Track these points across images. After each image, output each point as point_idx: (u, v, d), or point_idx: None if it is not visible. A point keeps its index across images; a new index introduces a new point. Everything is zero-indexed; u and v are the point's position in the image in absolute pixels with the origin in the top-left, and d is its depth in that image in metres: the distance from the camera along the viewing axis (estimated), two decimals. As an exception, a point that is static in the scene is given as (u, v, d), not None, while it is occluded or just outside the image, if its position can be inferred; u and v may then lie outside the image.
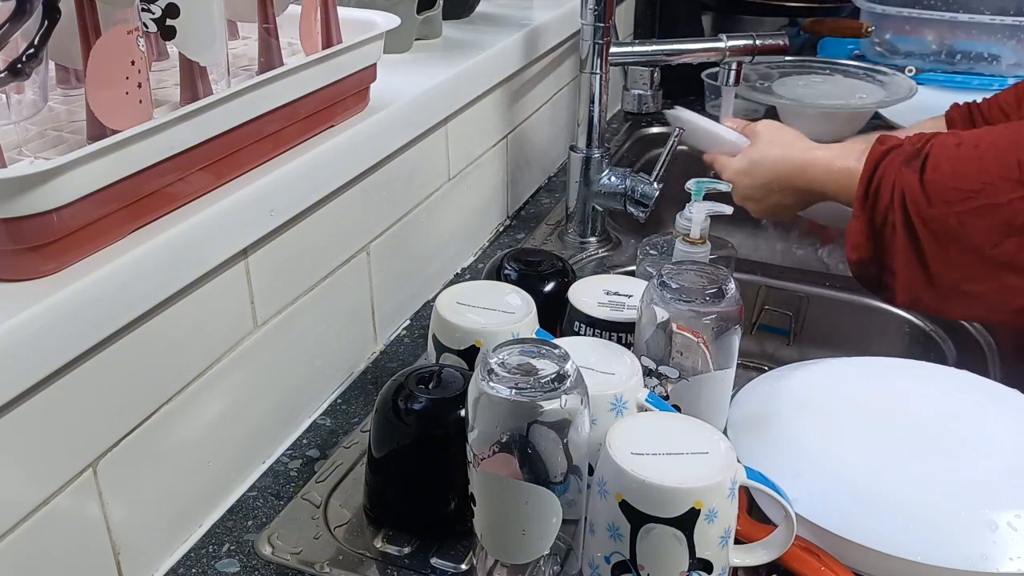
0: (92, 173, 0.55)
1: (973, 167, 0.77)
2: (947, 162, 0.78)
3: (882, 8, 1.58)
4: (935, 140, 0.81)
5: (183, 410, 0.66)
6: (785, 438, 0.72)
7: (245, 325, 0.72)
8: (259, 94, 0.67)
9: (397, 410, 0.67)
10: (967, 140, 0.80)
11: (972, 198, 0.76)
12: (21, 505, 0.55)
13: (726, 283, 0.70)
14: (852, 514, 0.65)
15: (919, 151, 0.80)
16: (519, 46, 1.12)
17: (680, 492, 0.55)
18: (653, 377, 0.71)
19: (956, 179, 0.77)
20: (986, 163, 0.77)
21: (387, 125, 0.85)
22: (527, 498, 0.57)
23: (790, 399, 0.77)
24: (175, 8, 0.62)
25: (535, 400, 0.55)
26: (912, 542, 0.63)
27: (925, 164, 0.79)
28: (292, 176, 0.72)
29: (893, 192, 0.79)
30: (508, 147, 1.17)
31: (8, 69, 0.53)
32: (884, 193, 0.80)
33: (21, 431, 0.53)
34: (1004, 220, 0.75)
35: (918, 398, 0.77)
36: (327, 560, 0.67)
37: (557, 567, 0.62)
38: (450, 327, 0.74)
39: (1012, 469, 0.69)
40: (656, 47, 1.18)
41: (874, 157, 0.82)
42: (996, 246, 0.76)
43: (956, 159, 0.78)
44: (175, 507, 0.68)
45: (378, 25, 0.82)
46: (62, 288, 0.54)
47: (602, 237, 1.14)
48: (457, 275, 1.08)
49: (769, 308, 1.06)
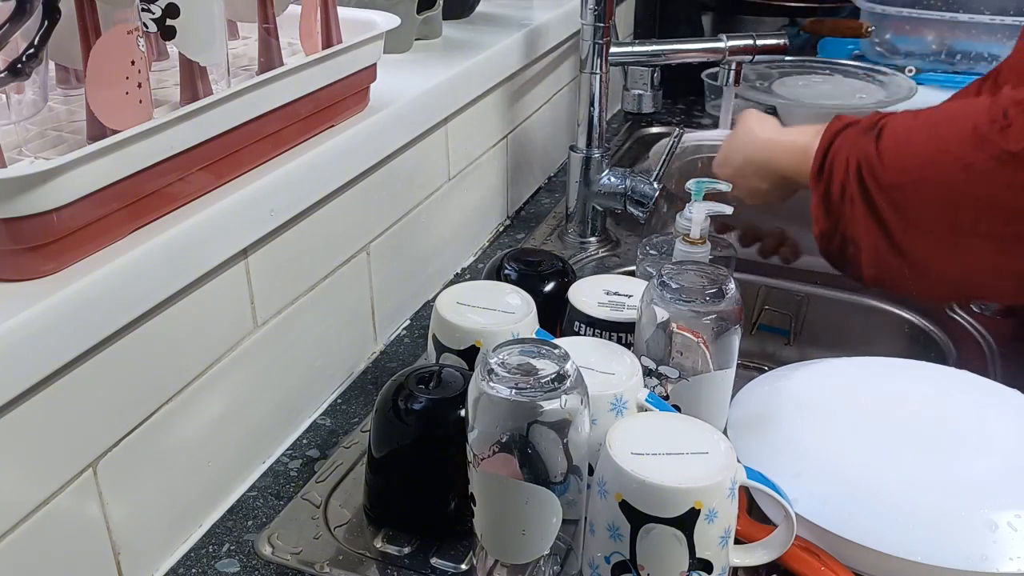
0: (92, 173, 0.55)
1: (928, 133, 0.76)
2: (903, 131, 0.78)
3: (882, 8, 1.58)
4: (893, 115, 0.80)
5: (183, 410, 0.66)
6: (785, 438, 0.72)
7: (245, 325, 0.72)
8: (259, 94, 0.67)
9: (397, 410, 0.67)
10: (924, 113, 0.79)
11: (928, 165, 0.75)
12: (21, 505, 0.55)
13: (726, 283, 0.70)
14: (852, 514, 0.65)
15: (875, 123, 0.80)
16: (519, 46, 1.12)
17: (680, 492, 0.55)
18: (653, 377, 0.72)
19: (911, 146, 0.77)
20: (941, 129, 0.76)
21: (387, 125, 0.85)
22: (527, 498, 0.57)
23: (790, 399, 0.77)
24: (175, 8, 0.62)
25: (535, 400, 0.55)
26: (912, 542, 0.63)
27: (881, 134, 0.78)
28: (292, 176, 0.72)
29: (848, 164, 0.79)
30: (508, 147, 1.17)
31: (8, 69, 0.53)
32: (839, 164, 0.80)
33: (21, 431, 0.53)
34: (960, 186, 0.74)
35: (918, 398, 0.77)
36: (327, 560, 0.67)
37: (557, 567, 0.62)
38: (450, 327, 0.74)
39: (1012, 469, 0.69)
40: (656, 47, 1.18)
41: (830, 131, 0.82)
42: (956, 214, 0.74)
43: (911, 129, 0.78)
44: (175, 507, 0.68)
45: (378, 25, 0.82)
46: (62, 288, 0.54)
47: (602, 237, 1.14)
48: (457, 275, 1.08)
49: (769, 308, 1.06)
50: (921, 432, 0.72)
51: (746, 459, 0.68)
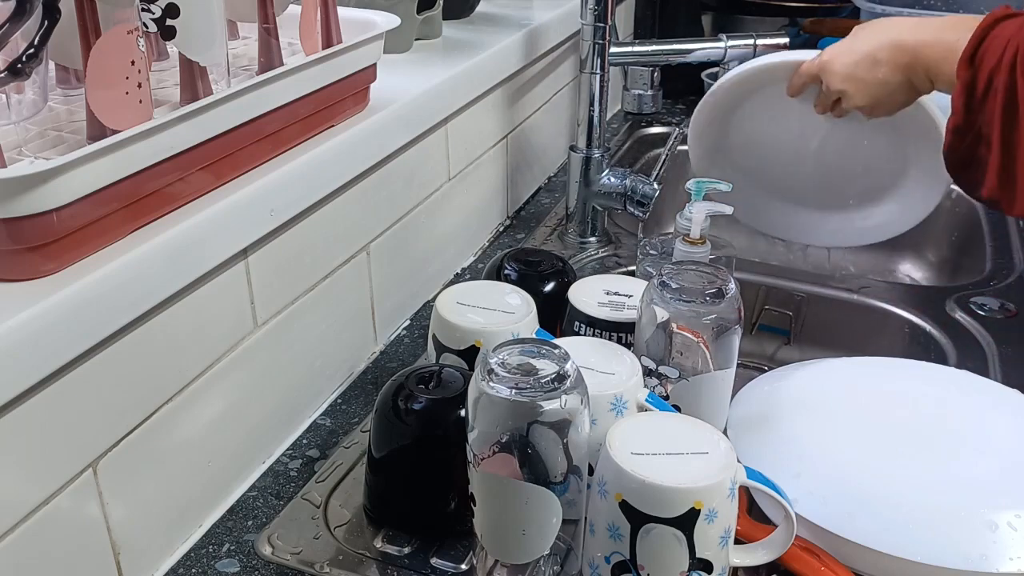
0: (92, 173, 0.55)
1: None
2: None
3: (882, 8, 1.57)
4: None
5: (183, 410, 0.66)
6: (785, 438, 0.72)
7: (245, 325, 0.72)
8: (259, 94, 0.67)
9: (397, 410, 0.67)
10: None
11: None
12: (21, 505, 0.55)
13: (726, 283, 0.70)
14: (852, 514, 0.65)
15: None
16: (519, 46, 1.12)
17: (680, 492, 0.55)
18: (653, 377, 0.72)
19: None
20: None
21: (387, 125, 0.85)
22: (527, 498, 0.57)
23: (790, 399, 0.77)
24: (175, 8, 0.62)
25: (535, 400, 0.55)
26: (912, 542, 0.63)
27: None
28: (292, 176, 0.72)
29: (1004, 52, 0.73)
30: (508, 147, 1.17)
31: (8, 69, 0.53)
32: (993, 52, 0.74)
33: (21, 431, 0.53)
34: None
35: (918, 398, 0.77)
36: (327, 560, 0.67)
37: (557, 567, 0.62)
38: (450, 327, 0.74)
39: (1012, 469, 0.69)
40: (656, 47, 1.18)
41: (990, 19, 0.76)
42: None
43: None
44: (175, 507, 0.68)
45: (378, 25, 0.82)
46: (62, 288, 0.54)
47: (602, 237, 1.14)
48: (457, 275, 1.08)
49: (769, 308, 1.06)
50: (921, 432, 0.72)
51: (746, 459, 0.68)
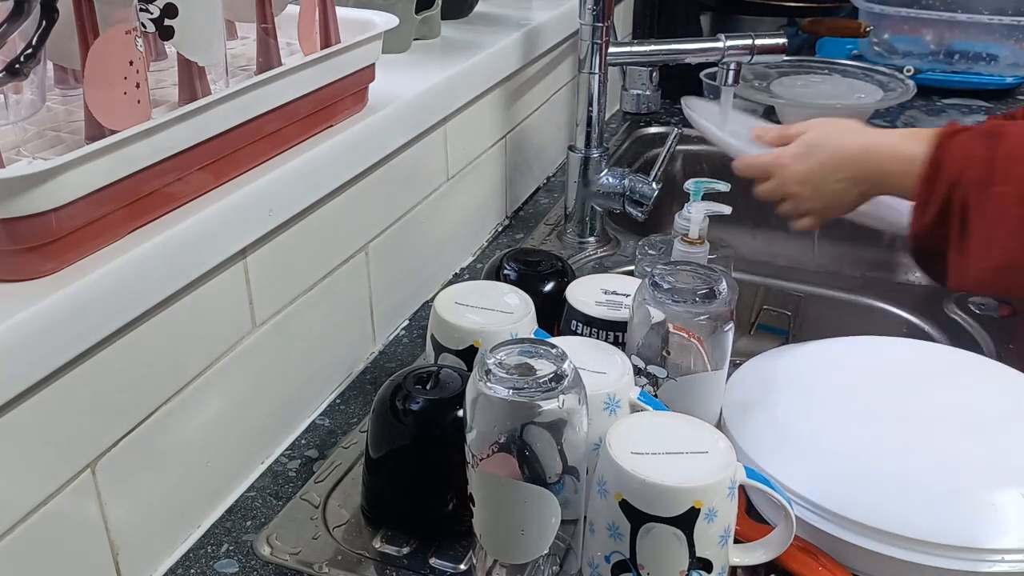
0: (91, 173, 0.55)
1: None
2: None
3: (880, 8, 1.58)
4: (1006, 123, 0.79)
5: (182, 410, 0.66)
6: (780, 418, 0.72)
7: (244, 325, 0.72)
8: (257, 94, 0.67)
9: (395, 410, 0.67)
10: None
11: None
12: (20, 505, 0.55)
13: (718, 283, 0.69)
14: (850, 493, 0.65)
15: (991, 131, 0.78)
16: (518, 46, 1.12)
17: (680, 491, 0.55)
18: (643, 376, 0.71)
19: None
20: None
21: (386, 125, 0.85)
22: (526, 498, 0.57)
23: (785, 379, 0.77)
24: (173, 8, 0.62)
25: (533, 400, 0.55)
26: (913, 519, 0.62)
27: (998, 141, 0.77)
28: (291, 176, 0.72)
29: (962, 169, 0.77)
30: (507, 147, 1.17)
31: (6, 69, 0.53)
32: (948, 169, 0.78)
33: (20, 431, 0.53)
34: None
35: (916, 377, 0.76)
36: (326, 560, 0.67)
37: (556, 567, 0.62)
38: (448, 327, 0.74)
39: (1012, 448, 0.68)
40: (655, 47, 1.18)
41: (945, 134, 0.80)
42: None
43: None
44: (174, 507, 0.68)
45: (376, 25, 0.82)
46: (61, 288, 0.54)
47: (601, 237, 1.14)
48: (456, 275, 1.08)
49: (768, 308, 1.06)
50: (922, 411, 0.72)
51: (741, 442, 0.69)
